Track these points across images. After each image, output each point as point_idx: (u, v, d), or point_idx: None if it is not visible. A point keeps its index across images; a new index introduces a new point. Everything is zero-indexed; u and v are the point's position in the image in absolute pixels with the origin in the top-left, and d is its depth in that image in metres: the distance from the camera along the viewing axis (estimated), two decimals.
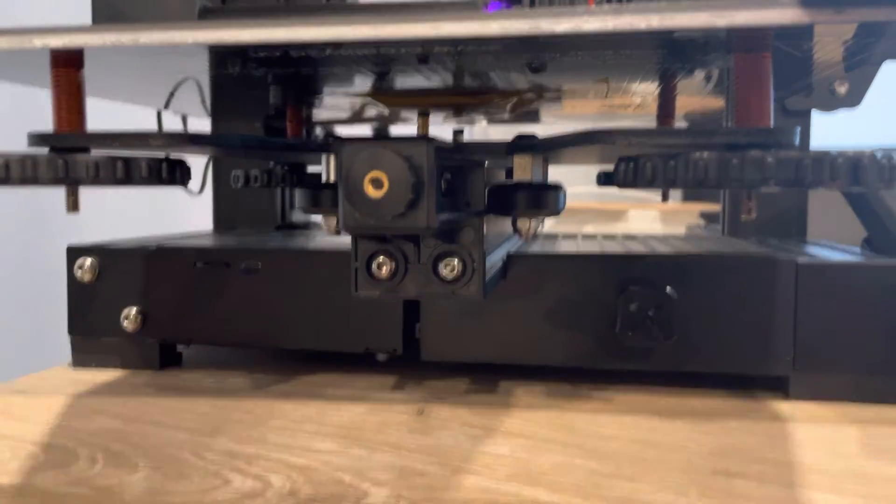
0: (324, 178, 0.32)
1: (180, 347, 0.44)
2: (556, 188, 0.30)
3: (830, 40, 0.27)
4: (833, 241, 0.52)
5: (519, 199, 0.30)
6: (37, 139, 0.25)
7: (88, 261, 0.42)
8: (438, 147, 0.25)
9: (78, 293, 0.42)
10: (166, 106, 0.58)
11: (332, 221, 0.32)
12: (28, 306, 0.77)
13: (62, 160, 0.23)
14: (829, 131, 0.58)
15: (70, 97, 0.26)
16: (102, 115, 0.39)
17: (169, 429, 0.35)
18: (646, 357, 0.38)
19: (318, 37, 0.27)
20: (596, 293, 0.38)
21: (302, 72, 0.42)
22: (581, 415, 0.36)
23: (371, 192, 0.23)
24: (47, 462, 0.32)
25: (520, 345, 0.39)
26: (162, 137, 0.25)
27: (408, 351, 0.41)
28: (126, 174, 0.24)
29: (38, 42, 0.22)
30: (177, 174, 0.26)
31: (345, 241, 0.45)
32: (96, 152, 0.25)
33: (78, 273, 0.42)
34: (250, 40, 0.27)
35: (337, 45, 0.28)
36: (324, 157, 0.32)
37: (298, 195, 0.32)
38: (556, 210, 0.30)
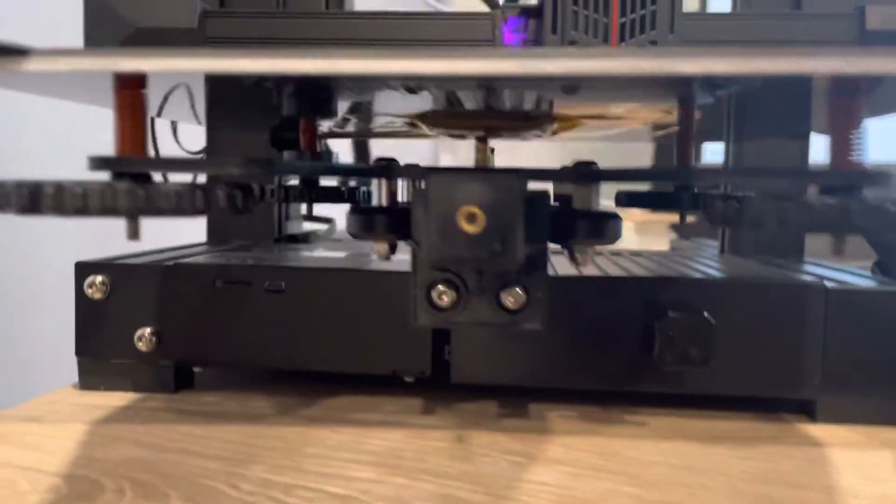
0: (375, 202, 0.31)
1: (195, 369, 0.43)
2: (616, 217, 0.30)
3: None
4: (826, 260, 0.53)
5: (579, 228, 0.30)
6: (98, 163, 0.24)
7: (99, 278, 0.40)
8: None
9: (87, 312, 0.40)
10: (159, 114, 0.56)
11: (384, 247, 0.31)
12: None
13: (143, 190, 0.22)
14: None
15: (134, 118, 0.24)
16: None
17: (199, 457, 0.34)
18: (678, 381, 0.38)
19: (361, 70, 0.25)
20: (630, 316, 0.38)
21: (328, 87, 0.41)
22: (620, 440, 0.36)
23: (466, 226, 0.23)
24: (71, 495, 0.30)
25: (553, 368, 0.39)
26: (240, 164, 0.23)
27: (434, 372, 0.40)
28: (206, 204, 0.23)
29: (128, 65, 0.21)
30: (249, 201, 0.25)
31: (368, 259, 0.44)
32: (158, 178, 0.24)
33: (88, 291, 0.40)
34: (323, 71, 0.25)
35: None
36: (376, 181, 0.31)
37: (350, 219, 0.31)
38: (615, 239, 0.30)
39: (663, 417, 0.39)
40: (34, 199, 0.22)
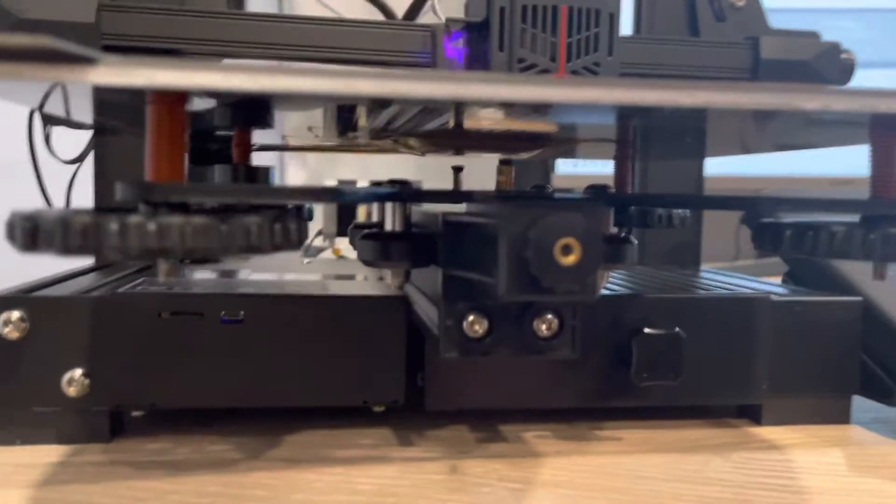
0: (389, 228, 0.29)
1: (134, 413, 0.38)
2: (632, 241, 0.31)
3: None
4: (719, 268, 0.58)
5: None
6: (129, 190, 0.20)
7: (16, 314, 0.34)
8: None
9: (1, 354, 0.34)
10: (41, 107, 0.49)
11: (400, 278, 0.29)
12: None
13: (226, 226, 0.18)
14: None
15: (174, 138, 0.20)
16: None
17: None
18: (648, 395, 0.39)
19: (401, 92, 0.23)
20: (602, 334, 0.38)
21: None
22: (607, 457, 0.37)
23: (563, 259, 0.22)
24: None
25: (529, 389, 0.38)
26: (310, 191, 0.21)
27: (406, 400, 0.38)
28: (284, 238, 0.20)
29: (237, 83, 0.17)
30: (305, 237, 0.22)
31: (326, 283, 0.41)
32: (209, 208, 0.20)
33: (3, 330, 0.34)
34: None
35: None
36: (389, 206, 0.29)
37: (363, 246, 0.29)
38: (633, 263, 0.30)
39: (633, 430, 0.40)
40: (89, 237, 0.18)
